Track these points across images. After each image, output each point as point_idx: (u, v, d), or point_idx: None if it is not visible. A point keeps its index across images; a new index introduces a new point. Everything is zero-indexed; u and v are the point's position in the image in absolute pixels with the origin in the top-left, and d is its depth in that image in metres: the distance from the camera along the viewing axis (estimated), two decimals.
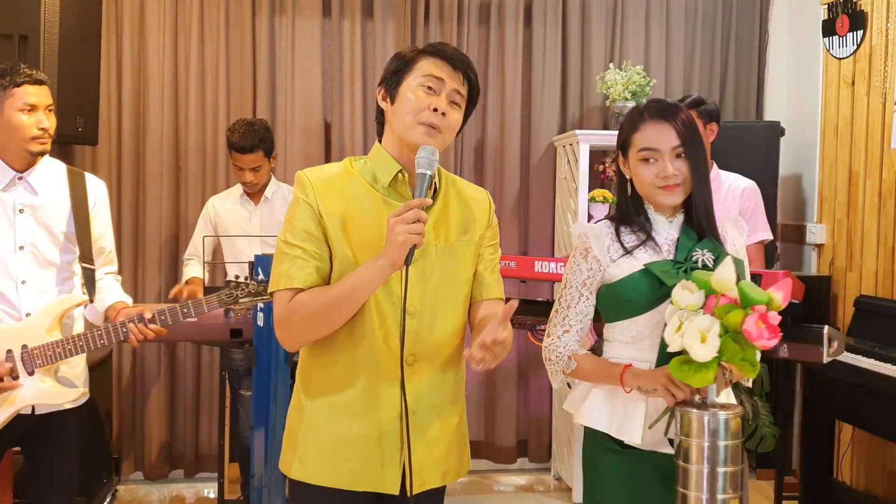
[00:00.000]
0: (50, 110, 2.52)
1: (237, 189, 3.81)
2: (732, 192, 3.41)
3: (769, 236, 3.46)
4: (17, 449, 2.69)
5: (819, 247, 4.41)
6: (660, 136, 1.88)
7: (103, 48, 4.06)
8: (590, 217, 4.22)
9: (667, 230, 1.93)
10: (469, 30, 4.48)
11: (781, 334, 1.65)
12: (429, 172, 1.71)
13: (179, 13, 4.24)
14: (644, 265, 1.87)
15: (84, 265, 2.57)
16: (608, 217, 2.06)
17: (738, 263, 1.77)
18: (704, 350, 1.63)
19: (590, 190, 4.25)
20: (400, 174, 1.79)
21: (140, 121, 4.25)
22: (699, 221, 1.90)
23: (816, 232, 4.38)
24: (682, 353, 1.68)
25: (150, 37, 4.23)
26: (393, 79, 1.81)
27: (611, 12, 4.59)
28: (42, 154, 2.52)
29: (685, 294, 1.70)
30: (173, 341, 4.15)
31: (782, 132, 4.31)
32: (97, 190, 2.67)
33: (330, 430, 1.79)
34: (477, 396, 4.55)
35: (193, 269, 3.79)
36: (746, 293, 1.65)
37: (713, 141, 3.44)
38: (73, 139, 3.80)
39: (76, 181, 2.60)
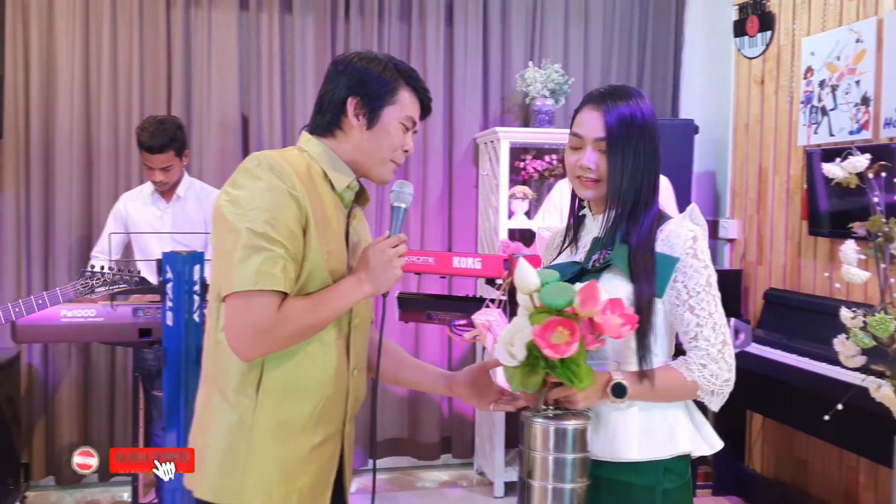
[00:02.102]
0: None
1: (149, 187, 3.72)
2: None
3: None
4: None
5: (731, 241, 4.53)
6: (587, 124, 1.72)
7: (8, 38, 3.91)
8: (511, 213, 4.26)
9: (594, 227, 1.79)
10: (390, 27, 4.47)
11: (573, 346, 1.50)
12: (405, 206, 1.75)
13: (91, 3, 4.12)
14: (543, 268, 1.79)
15: None
16: None
17: (664, 260, 1.67)
18: (503, 355, 1.55)
19: (511, 186, 4.29)
20: (353, 183, 1.77)
21: (49, 115, 4.11)
22: (618, 222, 1.72)
23: (729, 227, 4.50)
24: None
25: (58, 25, 4.08)
26: (374, 103, 1.71)
27: (531, 11, 4.64)
28: None
29: (522, 296, 1.61)
30: (83, 342, 4.04)
31: (696, 130, 4.41)
32: None
33: (284, 451, 1.67)
34: (400, 394, 4.55)
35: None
36: (544, 299, 1.55)
37: None
38: None
39: None
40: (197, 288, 2.73)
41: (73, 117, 4.12)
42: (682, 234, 1.69)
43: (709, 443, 1.74)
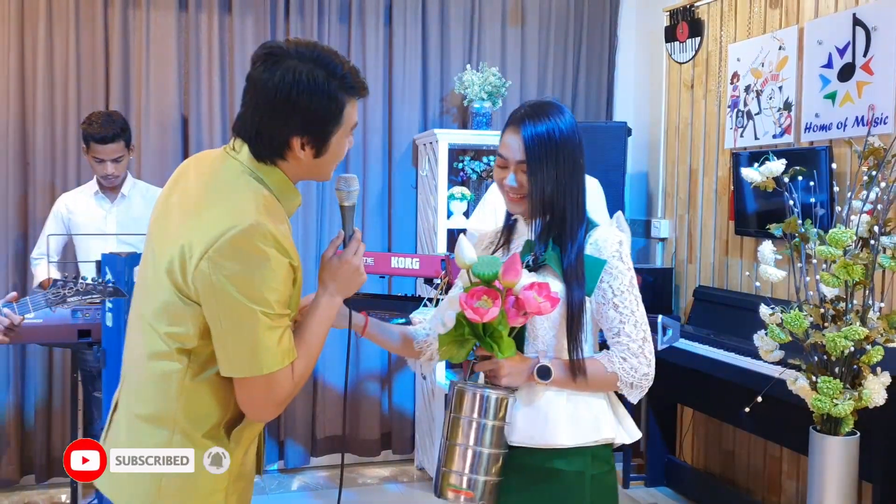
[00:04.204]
0: None
1: (91, 186, 3.70)
2: None
3: None
4: None
5: (663, 240, 4.68)
6: (509, 147, 1.84)
7: None
8: (449, 213, 4.34)
9: (526, 232, 1.92)
10: (330, 27, 4.50)
11: (493, 311, 1.67)
12: (354, 203, 1.78)
13: (26, 3, 4.07)
14: None
15: None
16: None
17: (592, 262, 1.81)
18: (435, 321, 1.73)
19: (449, 187, 4.37)
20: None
21: None
22: (550, 227, 1.85)
23: (660, 226, 4.65)
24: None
25: None
26: (322, 131, 1.62)
27: (469, 14, 4.72)
28: None
29: (463, 275, 1.79)
30: (21, 343, 3.99)
31: (629, 132, 4.54)
32: None
33: (236, 489, 1.72)
34: (340, 392, 4.59)
35: (43, 269, 3.66)
36: (475, 270, 1.72)
37: None
38: None
39: None
40: None
41: (8, 117, 4.07)
42: (609, 238, 1.84)
43: (629, 432, 1.89)
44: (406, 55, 4.62)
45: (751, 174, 2.66)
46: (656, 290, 4.39)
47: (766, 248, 2.66)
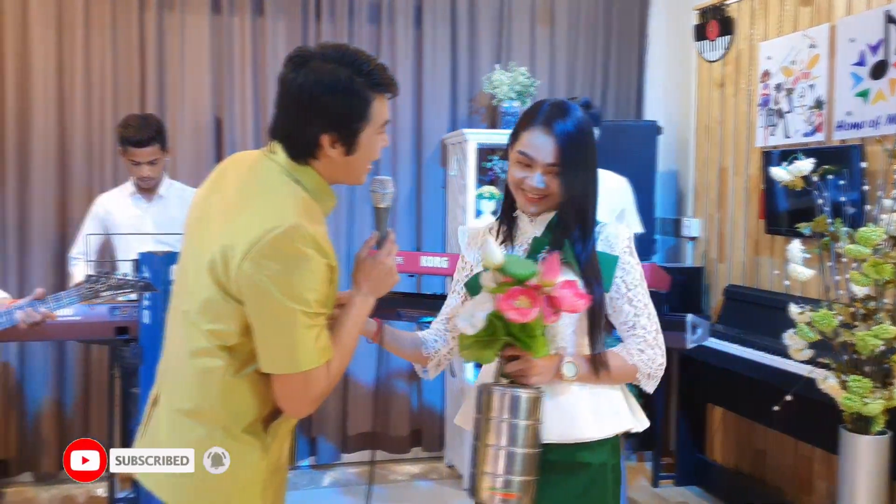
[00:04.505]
0: None
1: (128, 187, 3.77)
2: (606, 188, 3.58)
3: (640, 230, 3.66)
4: None
5: (694, 239, 4.67)
6: (539, 148, 1.82)
7: None
8: (478, 213, 4.36)
9: (531, 229, 1.93)
10: (360, 28, 4.55)
11: (563, 310, 1.68)
12: (389, 204, 1.81)
13: (64, 7, 4.17)
14: None
15: None
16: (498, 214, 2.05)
17: (605, 259, 1.85)
18: (465, 324, 1.69)
19: (478, 187, 4.39)
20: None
21: (24, 116, 4.15)
22: (567, 225, 1.86)
23: (691, 225, 4.64)
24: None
25: (33, 29, 4.13)
26: (349, 128, 1.65)
27: (497, 13, 4.74)
28: None
29: (485, 276, 1.76)
30: (60, 340, 4.09)
31: (660, 131, 4.55)
32: None
33: (273, 483, 1.78)
34: (370, 389, 4.64)
35: (81, 269, 3.74)
36: (508, 269, 1.70)
37: None
38: None
39: None
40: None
41: (47, 120, 4.17)
42: (619, 234, 1.89)
43: (641, 422, 1.94)
44: (435, 55, 4.65)
45: (779, 173, 2.66)
46: (686, 289, 4.38)
47: (795, 246, 2.67)
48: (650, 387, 1.89)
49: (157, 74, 4.31)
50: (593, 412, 1.84)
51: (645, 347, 1.86)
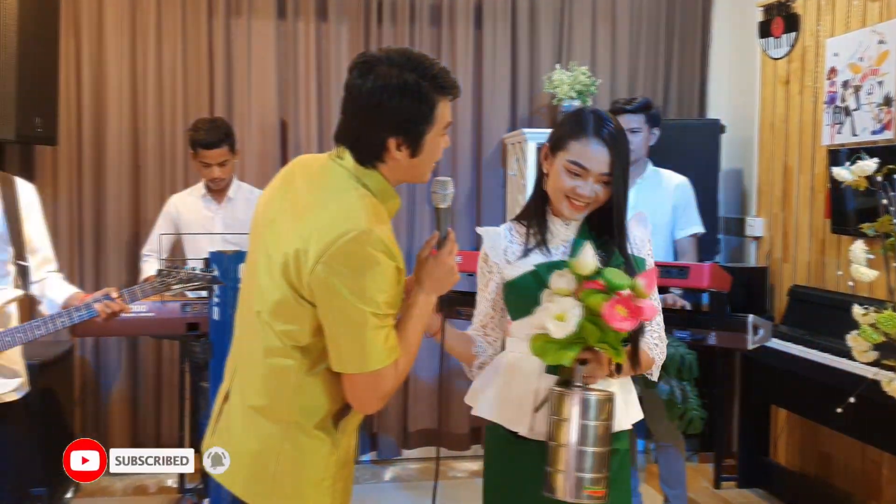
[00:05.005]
0: None
1: (199, 188, 3.90)
2: (666, 188, 3.58)
3: (701, 229, 3.64)
4: None
5: (757, 239, 4.61)
6: (595, 159, 1.88)
7: (62, 49, 4.13)
8: None
9: (564, 232, 1.98)
10: (421, 31, 4.61)
11: (644, 319, 1.76)
12: (449, 205, 1.84)
13: (137, 14, 4.33)
14: (534, 266, 1.94)
15: (19, 263, 2.65)
16: (516, 217, 2.08)
17: (636, 261, 1.93)
18: (556, 328, 1.71)
19: None
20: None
21: (99, 121, 4.34)
22: (605, 227, 1.93)
23: (755, 225, 4.58)
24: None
25: (108, 38, 4.31)
26: (415, 131, 1.68)
27: (558, 13, 4.75)
28: None
29: (557, 279, 1.78)
30: (133, 335, 4.24)
31: (723, 129, 4.50)
32: (28, 194, 2.71)
33: (343, 476, 1.84)
34: (431, 387, 4.69)
35: (151, 266, 3.87)
36: (609, 279, 1.74)
37: (653, 144, 3.61)
38: (32, 139, 3.88)
39: (7, 186, 2.65)
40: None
41: (121, 125, 4.35)
42: (643, 237, 2.01)
43: (639, 413, 2.06)
44: (496, 56, 4.68)
45: (842, 173, 2.62)
46: (750, 289, 4.33)
47: (857, 247, 2.61)
48: (656, 376, 2.03)
49: (225, 79, 4.44)
50: (624, 403, 1.95)
51: (658, 342, 2.00)
